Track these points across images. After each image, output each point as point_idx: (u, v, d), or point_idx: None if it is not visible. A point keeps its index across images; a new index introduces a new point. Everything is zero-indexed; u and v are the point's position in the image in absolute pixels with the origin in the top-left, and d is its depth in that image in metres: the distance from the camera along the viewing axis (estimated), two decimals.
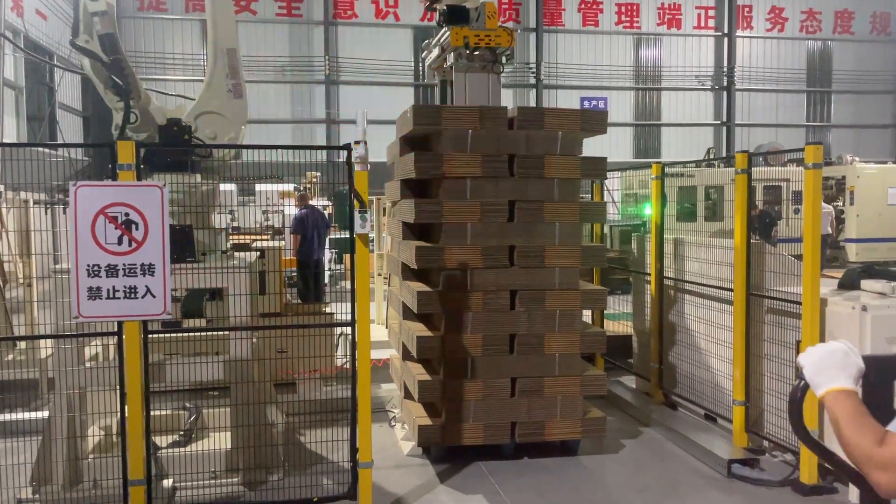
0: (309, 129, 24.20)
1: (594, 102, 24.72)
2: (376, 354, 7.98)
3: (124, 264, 3.88)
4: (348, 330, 8.52)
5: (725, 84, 26.26)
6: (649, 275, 6.65)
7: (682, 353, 6.31)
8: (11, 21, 16.39)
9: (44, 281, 8.38)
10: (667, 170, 6.80)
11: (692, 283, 6.10)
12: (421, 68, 24.89)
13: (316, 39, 24.29)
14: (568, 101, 24.59)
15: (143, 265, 3.90)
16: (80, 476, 4.78)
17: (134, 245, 3.88)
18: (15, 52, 16.35)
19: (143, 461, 3.98)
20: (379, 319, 9.65)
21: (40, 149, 4.69)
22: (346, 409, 6.60)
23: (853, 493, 4.54)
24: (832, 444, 1.90)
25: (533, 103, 24.78)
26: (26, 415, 6.34)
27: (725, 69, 26.19)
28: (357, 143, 4.14)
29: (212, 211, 5.52)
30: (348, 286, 4.58)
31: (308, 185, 15.26)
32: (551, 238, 5.24)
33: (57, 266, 4.91)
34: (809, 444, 2.09)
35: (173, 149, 4.93)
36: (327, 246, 12.67)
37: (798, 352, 4.70)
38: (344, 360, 8.02)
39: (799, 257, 4.87)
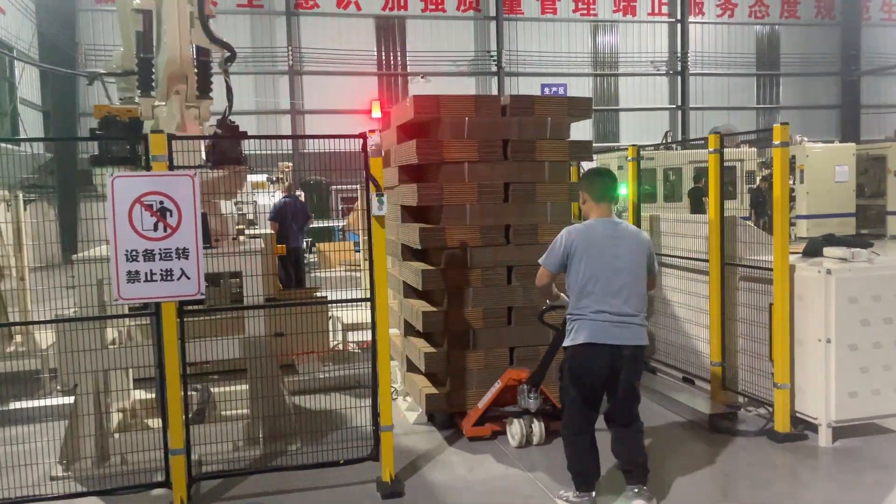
0: (274, 119, 24.22)
1: (554, 89, 25.26)
2: (365, 336, 8.33)
3: (160, 249, 4.15)
4: (339, 313, 8.83)
5: (679, 69, 27.09)
6: None
7: (661, 321, 6.80)
8: None
9: (36, 271, 8.51)
10: (642, 153, 7.27)
11: (670, 256, 6.58)
12: (382, 57, 25.10)
13: (278, 30, 24.27)
14: (528, 87, 25.09)
15: (177, 249, 4.17)
16: (107, 453, 5.04)
17: (168, 231, 4.15)
18: None
19: (182, 432, 4.25)
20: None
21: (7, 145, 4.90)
22: (346, 385, 7.01)
23: (822, 437, 5.08)
24: None
25: (495, 91, 25.21)
26: (34, 403, 6.53)
27: (679, 55, 27.00)
28: (372, 131, 4.48)
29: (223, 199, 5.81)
30: (321, 275, 4.91)
31: (280, 176, 15.41)
32: (543, 216, 5.64)
33: (77, 255, 5.14)
34: None
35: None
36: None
37: (771, 314, 5.23)
38: (337, 342, 8.38)
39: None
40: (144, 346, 5.21)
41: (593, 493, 4.31)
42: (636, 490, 4.23)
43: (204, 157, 5.38)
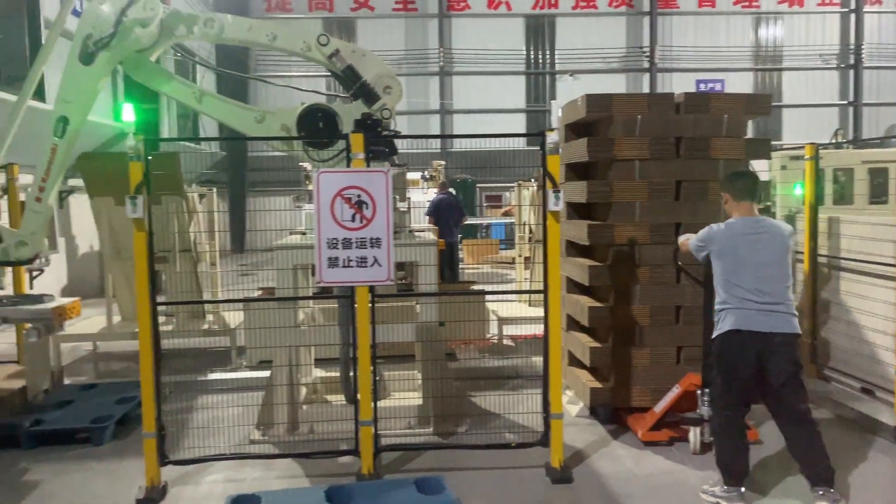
0: (424, 119, 25.06)
1: (710, 85, 24.29)
2: (520, 330, 8.56)
3: (356, 238, 4.55)
4: (495, 306, 9.08)
5: (852, 62, 25.16)
6: (801, 253, 6.84)
7: (837, 328, 6.49)
8: None
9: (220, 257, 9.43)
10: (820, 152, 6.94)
11: (849, 259, 6.26)
12: (530, 56, 25.23)
13: (431, 32, 25.06)
14: (682, 84, 24.29)
15: (371, 238, 4.56)
16: (298, 422, 5.57)
17: (364, 222, 4.54)
18: (165, 54, 17.88)
19: (371, 406, 4.64)
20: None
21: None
22: (503, 376, 7.24)
23: None
24: None
25: (646, 88, 24.64)
26: (225, 375, 7.29)
27: (852, 46, 25.08)
28: (551, 130, 4.65)
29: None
30: (468, 270, 5.13)
31: (434, 173, 15.96)
32: (716, 215, 5.56)
33: (277, 241, 5.70)
34: None
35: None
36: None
37: None
38: (493, 335, 8.66)
39: None
40: (329, 327, 5.71)
41: (742, 489, 4.28)
42: (821, 493, 4.13)
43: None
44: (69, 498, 4.59)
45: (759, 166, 9.59)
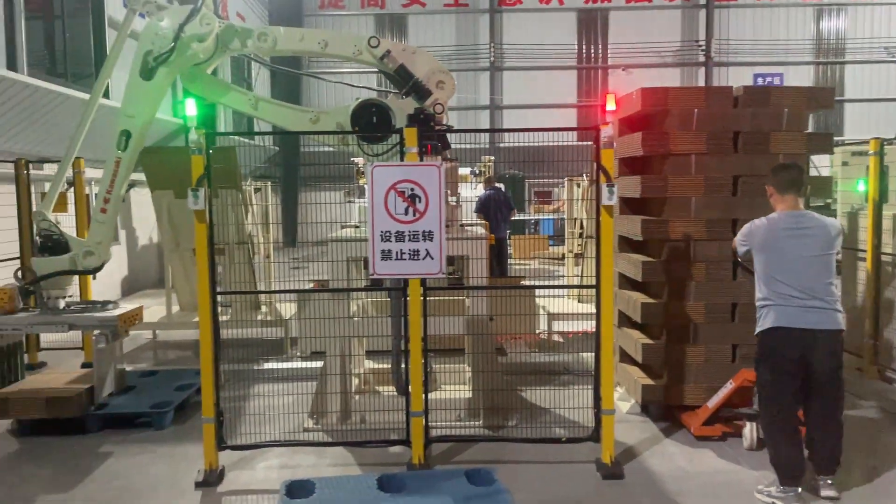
0: (473, 114, 25.05)
1: (769, 79, 23.65)
2: (569, 327, 8.51)
3: (409, 231, 4.60)
4: (543, 302, 9.05)
5: None
6: (863, 251, 6.63)
7: None
8: None
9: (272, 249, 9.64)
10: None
11: None
12: (582, 50, 24.96)
13: (481, 27, 25.01)
14: (740, 78, 23.67)
15: (424, 232, 4.60)
16: (349, 412, 5.66)
17: (417, 215, 4.59)
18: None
19: (422, 397, 4.69)
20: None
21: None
22: (552, 371, 7.22)
23: None
24: None
25: (701, 83, 24.12)
26: (279, 365, 7.45)
27: None
28: (605, 124, 4.62)
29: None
30: (516, 265, 5.12)
31: (483, 169, 15.97)
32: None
33: (329, 235, 5.80)
34: None
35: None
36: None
37: None
38: (542, 330, 8.63)
39: None
40: (381, 319, 5.79)
41: (799, 489, 4.21)
42: (829, 481, 4.19)
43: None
44: (132, 479, 4.77)
45: (821, 162, 9.33)
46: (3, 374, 6.44)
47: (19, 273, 5.77)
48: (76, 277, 6.64)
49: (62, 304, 5.86)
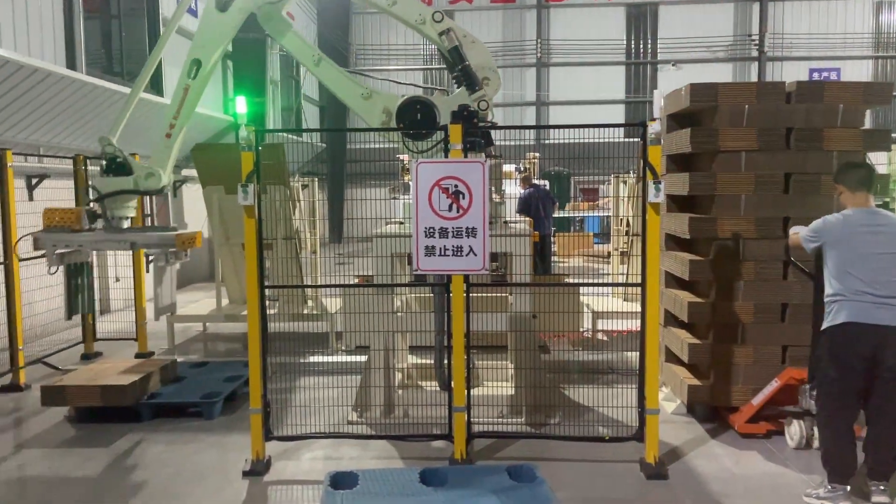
0: (519, 111, 24.94)
1: (825, 74, 22.95)
2: (613, 325, 8.42)
3: (452, 227, 4.62)
4: (588, 300, 8.97)
5: None
6: None
7: None
8: None
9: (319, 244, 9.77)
10: None
11: None
12: (630, 46, 24.62)
13: (528, 23, 24.88)
14: (794, 72, 23.07)
15: (467, 228, 4.62)
16: (392, 406, 5.72)
17: (461, 212, 4.61)
18: (272, 50, 18.57)
19: (465, 392, 4.71)
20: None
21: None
22: (596, 370, 7.17)
23: None
24: None
25: (753, 77, 23.57)
26: (324, 358, 7.57)
27: None
28: (653, 120, 4.57)
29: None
30: (561, 263, 5.07)
31: (528, 166, 15.90)
32: (828, 210, 5.28)
33: (374, 231, 5.86)
34: None
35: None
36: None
37: None
38: (586, 329, 8.56)
39: None
40: (424, 314, 5.82)
41: (848, 488, 4.12)
42: (882, 487, 4.08)
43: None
44: (182, 466, 4.91)
45: (878, 159, 9.03)
46: (76, 288, 6.56)
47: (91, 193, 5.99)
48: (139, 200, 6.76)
49: (125, 224, 6.10)
